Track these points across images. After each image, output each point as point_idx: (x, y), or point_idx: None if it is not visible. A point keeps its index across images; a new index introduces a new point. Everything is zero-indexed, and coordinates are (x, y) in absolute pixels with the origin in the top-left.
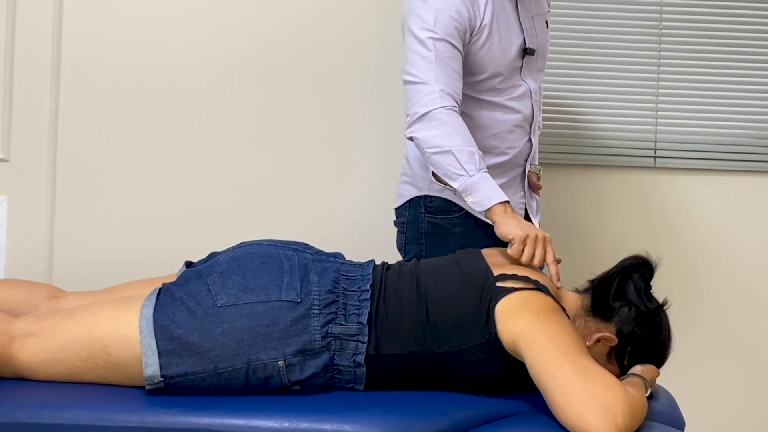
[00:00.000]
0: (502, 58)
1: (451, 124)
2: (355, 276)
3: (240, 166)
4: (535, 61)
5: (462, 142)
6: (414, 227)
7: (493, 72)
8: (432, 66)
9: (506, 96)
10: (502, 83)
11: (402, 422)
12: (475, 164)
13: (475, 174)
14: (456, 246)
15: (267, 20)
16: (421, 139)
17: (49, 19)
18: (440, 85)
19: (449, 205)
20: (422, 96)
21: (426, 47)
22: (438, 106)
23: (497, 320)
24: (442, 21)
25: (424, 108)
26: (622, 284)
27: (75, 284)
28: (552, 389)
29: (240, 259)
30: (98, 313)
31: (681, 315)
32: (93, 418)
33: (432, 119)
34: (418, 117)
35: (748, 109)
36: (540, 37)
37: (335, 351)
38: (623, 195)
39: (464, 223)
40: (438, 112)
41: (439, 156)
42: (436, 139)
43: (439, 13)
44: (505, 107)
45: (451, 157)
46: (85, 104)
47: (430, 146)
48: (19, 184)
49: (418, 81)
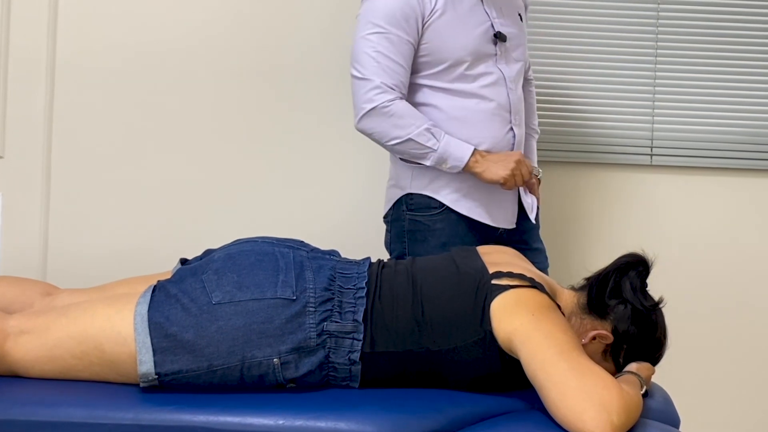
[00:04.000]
0: (463, 44)
1: (398, 113)
2: (351, 273)
3: (235, 163)
4: (509, 49)
5: (415, 126)
6: (397, 225)
7: (457, 59)
8: (373, 61)
9: (478, 83)
10: (469, 69)
11: (397, 420)
12: (435, 137)
13: (439, 145)
14: (437, 243)
15: (263, 21)
16: (376, 134)
17: (44, 16)
18: (381, 78)
19: (429, 202)
20: (366, 91)
21: (369, 42)
22: (383, 100)
23: (492, 318)
24: (389, 13)
25: (369, 104)
26: (618, 282)
27: (69, 281)
28: (547, 387)
29: (235, 257)
30: (93, 310)
31: (676, 313)
32: (87, 416)
33: (379, 113)
34: (365, 112)
35: (744, 108)
36: (511, 27)
37: (330, 349)
38: (620, 193)
39: (445, 219)
40: (384, 105)
41: (401, 145)
42: (392, 131)
43: (385, 7)
44: (477, 95)
45: (412, 143)
46: (79, 101)
47: (388, 139)
48: (14, 181)
49: (362, 76)
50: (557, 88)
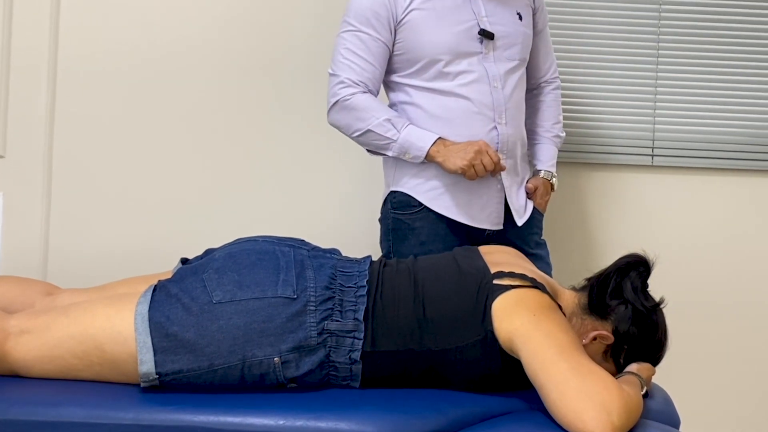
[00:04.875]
0: (438, 41)
1: (358, 104)
2: (352, 272)
3: (235, 163)
4: (499, 47)
5: (375, 117)
6: (385, 224)
7: (432, 57)
8: (341, 57)
9: (456, 82)
10: (448, 68)
11: (398, 420)
12: (395, 128)
13: (399, 136)
14: (417, 242)
15: (261, 21)
16: (341, 126)
17: (46, 15)
18: (346, 74)
19: (409, 200)
20: (332, 86)
21: (341, 40)
22: (345, 94)
23: (494, 318)
24: (360, 12)
25: (334, 98)
26: (619, 282)
27: (70, 281)
28: (548, 387)
29: (236, 256)
30: (93, 310)
31: (677, 313)
32: (88, 416)
33: (342, 107)
34: (331, 106)
35: (746, 108)
36: (505, 25)
37: (331, 348)
38: (621, 193)
39: (425, 218)
40: (345, 99)
41: (363, 137)
42: (354, 124)
43: (358, 5)
44: (455, 94)
45: (372, 134)
46: (81, 100)
47: (351, 131)
48: (15, 181)
49: (331, 72)
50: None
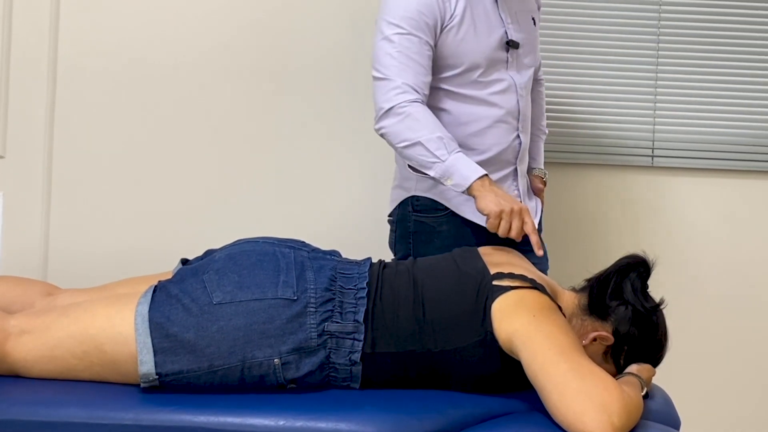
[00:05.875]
0: (479, 50)
1: (414, 115)
2: (352, 274)
3: (236, 163)
4: (521, 55)
5: (429, 131)
6: (403, 226)
7: (471, 64)
8: (395, 62)
9: (489, 90)
10: (482, 76)
11: (398, 421)
12: (446, 148)
13: (448, 158)
14: (442, 244)
15: (263, 20)
16: (390, 134)
17: (46, 15)
18: (403, 79)
19: (435, 204)
20: (386, 91)
21: (390, 43)
22: (402, 100)
23: (493, 319)
24: (409, 15)
25: (388, 103)
26: (619, 283)
27: (70, 281)
28: (548, 388)
29: (236, 257)
30: (93, 310)
31: (677, 314)
32: (88, 416)
33: (396, 113)
34: (383, 112)
35: (746, 109)
36: (525, 32)
37: (331, 349)
38: (621, 194)
39: (450, 221)
40: (401, 105)
41: (410, 149)
42: (404, 133)
43: (406, 8)
44: (487, 102)
45: (420, 148)
46: (81, 100)
47: (399, 141)
48: (15, 180)
49: (382, 77)
50: (558, 89)
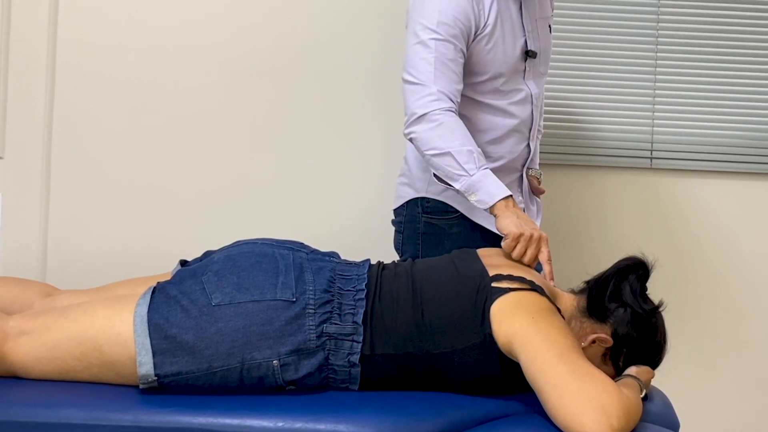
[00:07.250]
0: (504, 59)
1: (448, 125)
2: (351, 275)
3: (236, 164)
4: (537, 64)
5: (460, 143)
6: (411, 227)
7: (496, 73)
8: (431, 67)
9: (508, 100)
10: (504, 85)
11: (396, 422)
12: (475, 163)
13: (476, 173)
14: (452, 246)
15: (266, 19)
16: (420, 141)
17: (45, 15)
18: (438, 86)
19: (446, 207)
20: (420, 97)
21: (426, 48)
22: (436, 108)
23: (492, 321)
24: (445, 21)
25: (422, 109)
26: (618, 285)
27: (69, 282)
28: (547, 390)
29: (235, 258)
30: (92, 311)
31: (676, 316)
32: (86, 417)
33: (430, 120)
34: (416, 118)
35: (745, 111)
36: (542, 41)
37: (330, 350)
38: (620, 196)
39: (461, 224)
40: (435, 113)
41: (439, 158)
42: (434, 141)
43: (442, 14)
44: (505, 112)
45: (450, 159)
46: (80, 101)
47: (429, 148)
48: (14, 181)
49: (416, 82)
50: (557, 90)
